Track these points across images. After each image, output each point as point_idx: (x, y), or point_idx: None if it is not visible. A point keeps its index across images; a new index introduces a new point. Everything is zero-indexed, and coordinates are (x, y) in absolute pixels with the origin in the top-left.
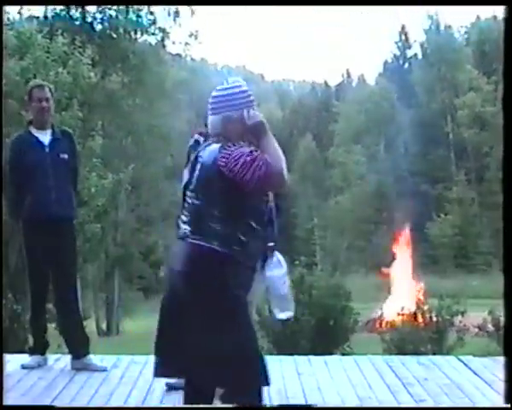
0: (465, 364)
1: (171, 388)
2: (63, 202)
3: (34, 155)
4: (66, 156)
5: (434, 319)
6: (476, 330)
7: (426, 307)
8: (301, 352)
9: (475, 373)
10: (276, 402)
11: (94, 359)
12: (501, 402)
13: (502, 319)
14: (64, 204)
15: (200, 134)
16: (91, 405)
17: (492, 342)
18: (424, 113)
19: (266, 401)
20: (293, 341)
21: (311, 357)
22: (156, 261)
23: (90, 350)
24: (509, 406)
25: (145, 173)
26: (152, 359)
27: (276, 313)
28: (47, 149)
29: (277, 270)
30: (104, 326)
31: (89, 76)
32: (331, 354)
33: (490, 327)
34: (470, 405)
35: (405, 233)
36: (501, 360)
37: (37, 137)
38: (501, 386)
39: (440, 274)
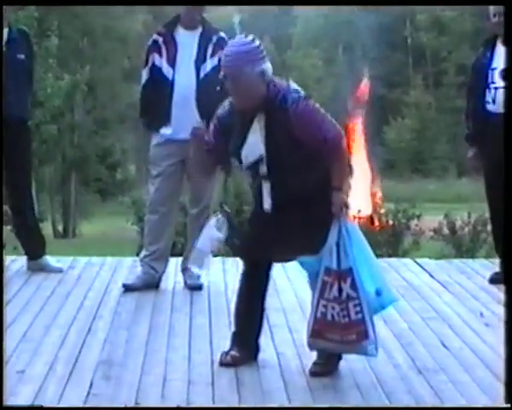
0: (421, 266)
1: (128, 289)
2: (20, 104)
3: None
4: (23, 57)
5: (391, 222)
6: (432, 233)
7: (382, 211)
8: None
9: (431, 275)
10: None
11: (50, 260)
12: (454, 305)
13: (457, 222)
14: (21, 106)
15: (159, 34)
16: (47, 306)
17: (448, 245)
18: (383, 17)
19: None
20: None
21: None
22: (113, 164)
23: (47, 252)
24: (509, 406)
25: (102, 75)
26: (109, 260)
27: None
28: (4, 49)
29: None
30: (60, 229)
31: None
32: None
33: (445, 230)
34: (426, 306)
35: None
36: (456, 262)
37: None
38: (456, 288)
39: (397, 178)
